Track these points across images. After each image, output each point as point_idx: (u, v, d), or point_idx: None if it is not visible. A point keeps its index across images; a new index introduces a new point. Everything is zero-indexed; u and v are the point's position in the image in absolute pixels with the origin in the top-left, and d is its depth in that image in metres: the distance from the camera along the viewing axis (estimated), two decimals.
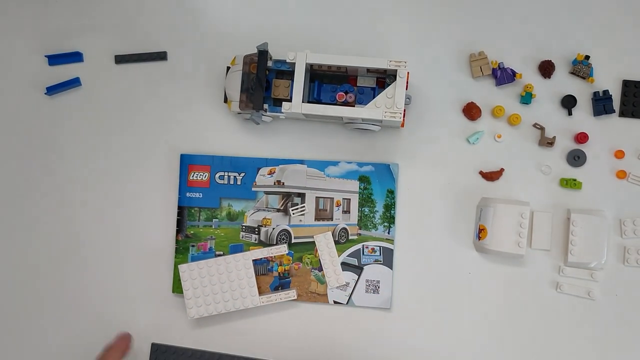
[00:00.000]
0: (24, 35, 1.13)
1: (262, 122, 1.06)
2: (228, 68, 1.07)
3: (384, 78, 1.05)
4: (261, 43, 1.03)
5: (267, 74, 1.04)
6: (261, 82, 1.02)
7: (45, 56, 1.12)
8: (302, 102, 1.01)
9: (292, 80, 1.01)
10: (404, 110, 1.01)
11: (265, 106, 1.04)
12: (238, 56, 1.05)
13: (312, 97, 1.06)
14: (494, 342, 1.06)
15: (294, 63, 1.01)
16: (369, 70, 1.04)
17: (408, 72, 1.02)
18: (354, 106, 1.04)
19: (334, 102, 1.05)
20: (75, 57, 1.12)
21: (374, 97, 1.04)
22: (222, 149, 1.10)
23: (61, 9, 1.13)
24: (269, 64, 1.04)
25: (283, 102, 1.01)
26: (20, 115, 1.12)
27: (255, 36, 1.10)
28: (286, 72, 1.06)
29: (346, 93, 1.05)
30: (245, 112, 1.04)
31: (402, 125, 1.04)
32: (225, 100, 1.07)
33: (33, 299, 1.10)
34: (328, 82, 1.06)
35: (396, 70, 0.99)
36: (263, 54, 1.03)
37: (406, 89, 1.01)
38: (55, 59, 1.12)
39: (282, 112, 1.01)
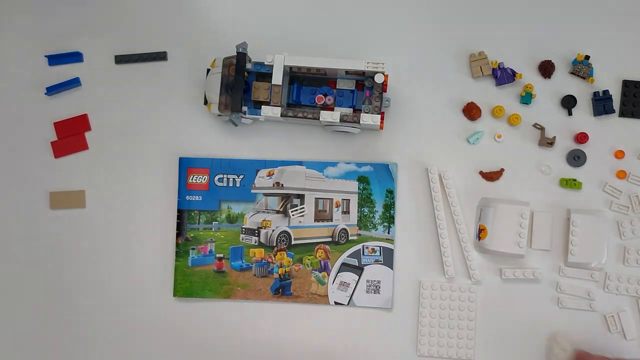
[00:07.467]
0: (24, 36, 1.13)
1: (242, 124, 1.06)
2: (208, 70, 1.07)
3: (362, 80, 1.05)
4: (240, 42, 1.03)
5: (246, 76, 1.04)
6: (239, 84, 1.02)
7: (45, 56, 1.12)
8: (282, 104, 1.01)
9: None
10: (382, 114, 1.02)
11: (245, 108, 1.03)
12: (218, 58, 1.05)
13: (291, 99, 1.05)
14: (494, 342, 1.06)
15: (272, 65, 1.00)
16: (347, 72, 1.03)
17: (387, 75, 1.02)
18: (333, 109, 1.04)
19: (313, 105, 1.05)
20: (75, 57, 1.12)
21: (353, 100, 1.04)
22: (221, 150, 1.10)
23: (61, 9, 1.13)
24: (249, 66, 1.03)
25: (262, 106, 1.01)
26: (20, 115, 1.12)
27: (255, 36, 1.09)
28: (267, 75, 1.05)
29: (325, 95, 1.04)
30: (225, 113, 1.04)
31: (381, 128, 1.04)
32: (206, 103, 1.06)
33: (31, 303, 1.10)
34: (307, 85, 1.06)
35: (374, 72, 0.99)
36: (242, 55, 1.02)
37: (384, 91, 1.01)
38: (55, 59, 1.12)
39: (262, 115, 1.01)
